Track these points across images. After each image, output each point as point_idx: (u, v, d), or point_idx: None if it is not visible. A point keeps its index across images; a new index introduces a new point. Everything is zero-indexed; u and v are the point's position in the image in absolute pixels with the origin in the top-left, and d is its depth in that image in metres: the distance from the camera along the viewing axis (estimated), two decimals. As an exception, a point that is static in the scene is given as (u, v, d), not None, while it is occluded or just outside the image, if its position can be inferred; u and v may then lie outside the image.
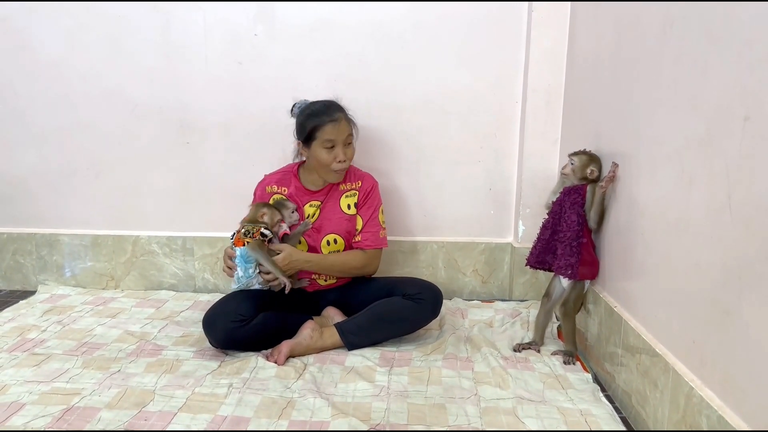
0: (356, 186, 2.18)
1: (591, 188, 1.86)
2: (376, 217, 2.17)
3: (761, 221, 1.07)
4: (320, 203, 2.13)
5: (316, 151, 2.04)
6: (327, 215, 2.13)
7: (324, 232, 2.12)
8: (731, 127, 1.17)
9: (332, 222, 2.13)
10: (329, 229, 2.12)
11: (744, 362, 1.13)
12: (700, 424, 1.23)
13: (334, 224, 2.13)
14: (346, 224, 2.14)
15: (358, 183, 2.18)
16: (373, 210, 2.17)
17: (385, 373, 1.83)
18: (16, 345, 2.01)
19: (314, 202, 2.13)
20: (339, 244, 2.14)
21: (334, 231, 2.12)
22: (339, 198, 2.15)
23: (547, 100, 2.40)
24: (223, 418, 1.56)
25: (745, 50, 1.13)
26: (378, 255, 2.20)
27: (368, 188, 2.18)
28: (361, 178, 2.20)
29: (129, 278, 2.68)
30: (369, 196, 2.17)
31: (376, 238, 2.16)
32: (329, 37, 2.45)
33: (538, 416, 1.58)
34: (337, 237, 2.12)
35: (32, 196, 2.68)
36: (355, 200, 2.16)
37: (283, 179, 2.18)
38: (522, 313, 2.33)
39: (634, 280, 1.66)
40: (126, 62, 2.51)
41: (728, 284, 1.18)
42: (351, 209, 2.15)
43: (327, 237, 2.12)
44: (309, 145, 2.05)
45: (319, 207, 2.13)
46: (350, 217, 2.15)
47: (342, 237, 2.13)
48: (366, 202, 2.17)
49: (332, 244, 2.13)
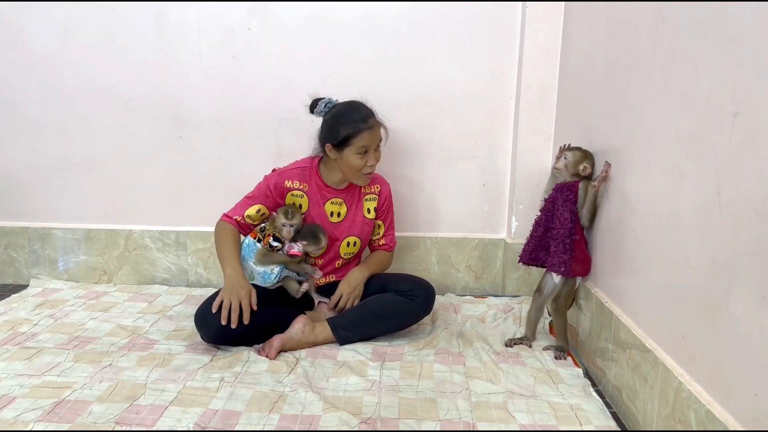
0: (376, 190, 2.19)
1: (583, 185, 1.87)
2: (393, 220, 2.28)
3: (750, 217, 1.08)
4: (342, 201, 2.13)
5: (348, 156, 1.99)
6: (352, 218, 2.15)
7: (347, 234, 2.14)
8: (721, 123, 1.17)
9: (356, 225, 2.15)
10: (352, 232, 2.14)
11: (732, 357, 1.14)
12: (689, 419, 1.24)
13: (357, 228, 2.15)
14: (366, 228, 2.18)
15: (377, 187, 2.20)
16: (392, 215, 2.27)
17: (377, 368, 1.83)
18: (8, 338, 2.00)
19: (336, 199, 2.12)
20: (356, 247, 2.18)
21: (355, 234, 2.15)
22: (361, 200, 2.16)
23: (540, 96, 2.41)
24: (215, 411, 1.56)
25: (735, 47, 1.14)
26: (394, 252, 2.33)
27: (387, 194, 2.22)
28: (380, 182, 2.22)
29: (122, 272, 2.67)
30: (388, 201, 2.23)
31: (393, 238, 2.29)
32: (323, 33, 2.45)
33: (529, 411, 1.59)
34: (357, 240, 2.16)
35: (25, 189, 2.67)
36: (375, 205, 2.19)
37: (304, 175, 2.10)
38: (514, 309, 2.34)
39: (625, 276, 1.67)
40: (120, 56, 2.50)
41: (717, 279, 1.19)
42: (371, 213, 2.18)
43: (348, 239, 2.14)
44: (341, 149, 1.99)
45: (342, 204, 2.13)
46: (370, 221, 2.19)
47: (360, 239, 2.17)
48: (386, 208, 2.23)
49: (351, 246, 2.16)
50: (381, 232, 2.23)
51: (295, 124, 2.49)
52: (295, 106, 2.47)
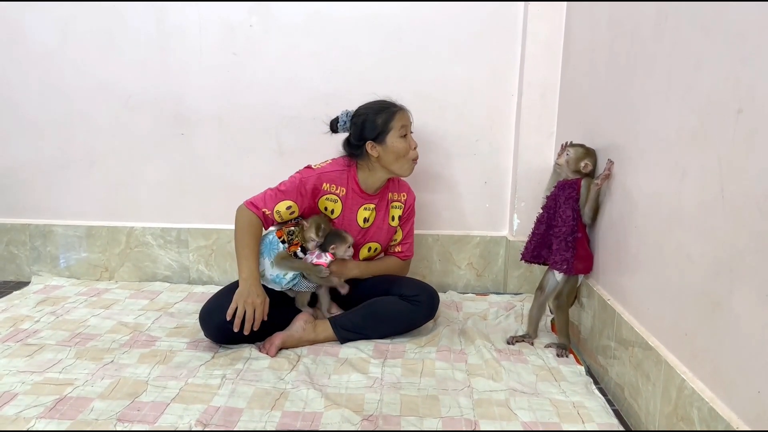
0: (402, 198, 2.20)
1: (585, 183, 1.87)
2: (412, 230, 2.27)
3: (753, 214, 1.08)
4: (374, 207, 2.12)
5: (392, 142, 1.99)
6: (379, 224, 2.14)
7: (371, 239, 2.14)
8: (724, 121, 1.17)
9: (381, 232, 2.15)
10: (375, 238, 2.14)
11: (734, 354, 1.14)
12: (691, 417, 1.24)
13: (383, 234, 2.16)
14: (388, 235, 2.18)
15: (403, 195, 2.20)
16: (411, 223, 2.26)
17: (378, 365, 1.83)
18: (9, 335, 2.00)
19: (369, 205, 2.11)
20: (375, 252, 2.19)
21: (378, 240, 2.15)
22: (388, 208, 2.16)
23: (542, 93, 2.40)
24: (216, 408, 1.56)
25: (738, 43, 1.14)
26: (410, 262, 2.30)
27: (411, 203, 2.23)
28: (406, 191, 2.22)
29: (123, 269, 2.67)
30: (411, 209, 2.23)
31: (411, 248, 2.27)
32: (325, 30, 2.44)
33: (531, 408, 1.59)
34: (378, 246, 2.16)
35: (26, 186, 2.67)
36: (400, 213, 2.19)
37: (341, 179, 2.05)
38: (516, 306, 2.34)
39: (628, 274, 1.67)
40: (120, 53, 2.50)
41: (720, 277, 1.19)
42: (395, 221, 2.18)
43: (370, 244, 2.14)
44: (383, 139, 1.99)
45: (373, 210, 2.12)
46: (393, 229, 2.19)
47: (381, 246, 2.17)
48: (408, 216, 2.23)
49: (370, 252, 2.17)
50: (398, 239, 2.22)
51: (295, 121, 2.48)
52: (296, 104, 2.47)
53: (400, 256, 2.24)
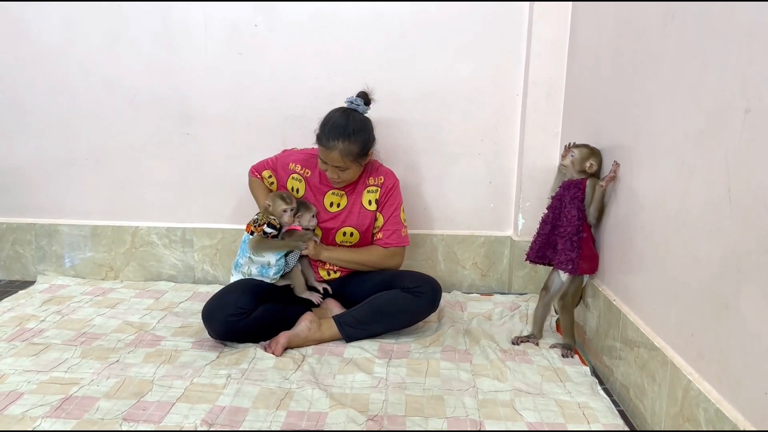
0: (378, 182, 2.16)
1: (591, 183, 1.86)
2: (397, 216, 2.17)
3: (760, 214, 1.07)
4: (343, 193, 2.12)
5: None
6: (350, 208, 2.13)
7: (343, 223, 2.13)
8: (732, 120, 1.16)
9: (353, 215, 2.13)
10: (348, 222, 2.13)
11: (741, 355, 1.14)
12: (698, 418, 1.24)
13: (354, 218, 2.13)
14: (364, 219, 2.15)
15: (380, 179, 2.17)
16: (394, 208, 2.17)
17: (383, 365, 1.83)
18: (15, 334, 2.01)
19: (338, 191, 2.12)
20: (354, 238, 2.15)
21: (352, 225, 2.13)
22: (362, 192, 2.14)
23: (547, 92, 2.40)
24: (222, 408, 1.56)
25: (745, 43, 1.13)
26: (401, 252, 2.20)
27: (390, 186, 2.17)
28: (384, 174, 2.18)
29: (128, 269, 2.68)
30: (390, 194, 2.16)
31: (398, 236, 2.17)
32: (329, 29, 2.44)
33: (536, 408, 1.58)
34: (354, 231, 2.14)
35: (31, 186, 2.67)
36: (376, 197, 2.15)
37: (309, 162, 2.14)
38: (521, 307, 2.33)
39: (633, 274, 1.66)
40: (125, 52, 2.50)
41: (727, 277, 1.18)
42: (371, 205, 2.14)
43: (344, 229, 2.13)
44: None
45: (343, 196, 2.12)
46: (369, 213, 2.15)
47: (358, 231, 2.14)
48: (387, 200, 2.16)
49: (347, 236, 2.14)
50: (379, 225, 2.17)
51: (300, 120, 2.48)
52: (301, 103, 2.47)
53: (381, 244, 2.16)
